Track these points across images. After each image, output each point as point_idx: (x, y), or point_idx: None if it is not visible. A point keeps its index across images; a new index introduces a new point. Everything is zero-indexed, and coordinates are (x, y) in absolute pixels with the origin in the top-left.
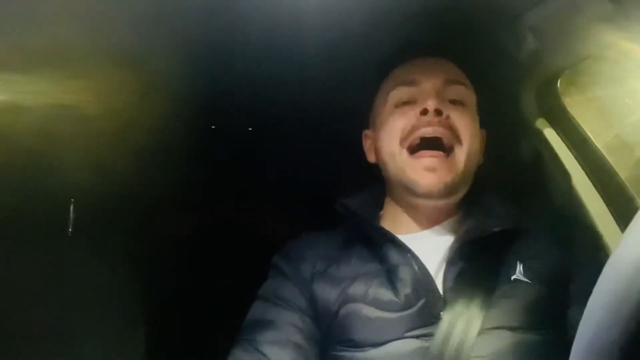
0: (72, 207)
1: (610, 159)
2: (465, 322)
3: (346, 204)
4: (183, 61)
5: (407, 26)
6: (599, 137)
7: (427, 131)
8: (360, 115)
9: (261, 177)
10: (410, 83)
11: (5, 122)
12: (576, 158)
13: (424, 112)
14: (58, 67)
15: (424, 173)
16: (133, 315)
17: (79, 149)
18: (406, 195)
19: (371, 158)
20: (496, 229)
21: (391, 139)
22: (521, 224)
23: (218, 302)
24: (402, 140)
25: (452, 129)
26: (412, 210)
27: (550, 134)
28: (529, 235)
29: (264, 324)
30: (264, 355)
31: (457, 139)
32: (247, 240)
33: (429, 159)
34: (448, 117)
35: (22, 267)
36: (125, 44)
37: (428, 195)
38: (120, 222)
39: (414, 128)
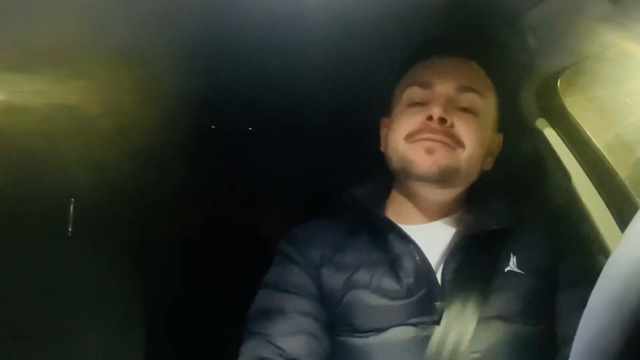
0: (72, 207)
1: (610, 159)
2: (463, 312)
3: (353, 193)
4: (183, 61)
5: (408, 26)
6: (599, 137)
7: (429, 137)
8: (361, 115)
9: (261, 177)
10: (424, 85)
11: (5, 122)
12: (576, 158)
13: (429, 118)
14: (58, 67)
15: (422, 154)
16: (133, 315)
17: (79, 149)
18: (406, 181)
19: (384, 147)
20: (494, 227)
21: (397, 135)
22: (519, 221)
23: (218, 302)
24: (406, 139)
25: (454, 137)
26: (414, 202)
27: (550, 134)
28: (524, 229)
29: (275, 313)
30: (280, 349)
31: (459, 143)
32: (247, 240)
33: (428, 142)
34: (452, 125)
35: (22, 267)
36: (125, 44)
37: (423, 178)
38: (120, 222)
39: (417, 132)
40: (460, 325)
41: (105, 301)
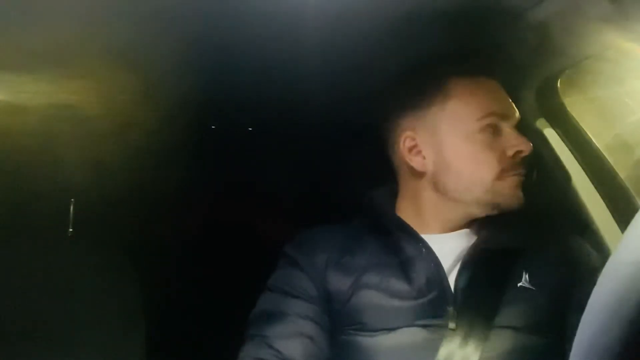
0: (72, 207)
1: (610, 159)
2: (474, 320)
3: (371, 196)
4: (183, 61)
5: (408, 26)
6: (599, 137)
7: (519, 172)
8: (361, 116)
9: (261, 177)
10: (504, 117)
11: (5, 122)
12: (576, 158)
13: (517, 154)
14: (58, 67)
15: (514, 190)
16: (133, 315)
17: (79, 149)
18: (475, 207)
19: (420, 166)
20: (510, 245)
21: (481, 171)
22: (530, 239)
23: (218, 302)
24: (497, 175)
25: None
26: (441, 216)
27: (550, 134)
28: (536, 246)
29: (275, 316)
30: (277, 351)
31: None
32: (247, 240)
33: (519, 177)
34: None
35: (22, 268)
36: (125, 44)
37: (510, 210)
38: (121, 222)
39: (510, 168)
40: (472, 333)
41: (105, 301)
